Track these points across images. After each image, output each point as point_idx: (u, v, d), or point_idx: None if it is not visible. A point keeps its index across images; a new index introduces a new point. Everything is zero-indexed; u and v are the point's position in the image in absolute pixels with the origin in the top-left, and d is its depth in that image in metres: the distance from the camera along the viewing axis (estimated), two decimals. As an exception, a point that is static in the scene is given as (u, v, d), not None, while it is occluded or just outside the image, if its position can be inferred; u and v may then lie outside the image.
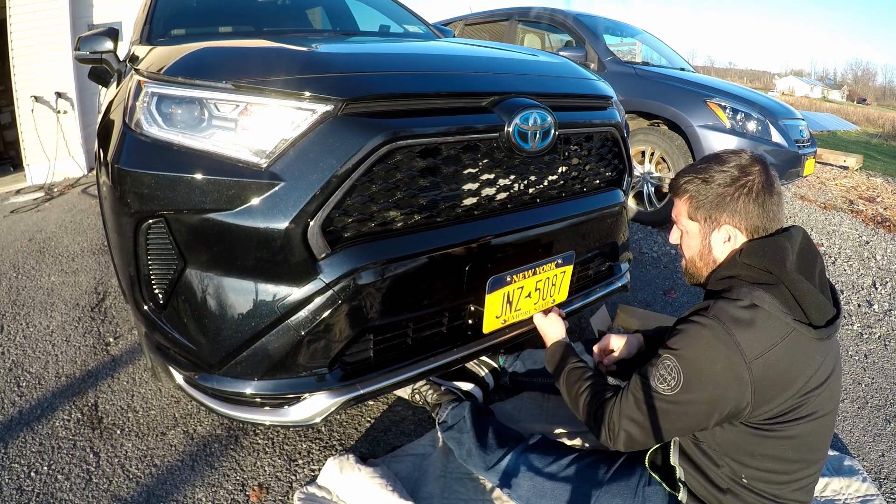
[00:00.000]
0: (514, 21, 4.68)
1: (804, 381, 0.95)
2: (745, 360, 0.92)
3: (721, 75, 28.69)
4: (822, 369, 0.97)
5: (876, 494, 1.42)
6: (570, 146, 1.49)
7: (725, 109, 3.35)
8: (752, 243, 1.04)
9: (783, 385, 0.94)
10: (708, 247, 1.11)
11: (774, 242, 1.02)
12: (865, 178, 6.65)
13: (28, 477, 1.39)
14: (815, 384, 0.96)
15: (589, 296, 1.68)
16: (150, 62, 1.30)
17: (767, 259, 1.00)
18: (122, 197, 1.16)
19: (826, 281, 1.05)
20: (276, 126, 1.09)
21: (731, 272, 1.05)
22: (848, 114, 23.94)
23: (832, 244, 3.70)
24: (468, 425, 1.36)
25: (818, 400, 0.97)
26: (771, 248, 1.01)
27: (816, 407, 0.97)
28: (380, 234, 1.16)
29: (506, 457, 1.26)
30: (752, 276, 1.01)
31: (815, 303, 0.96)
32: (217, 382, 1.18)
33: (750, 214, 1.04)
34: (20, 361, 1.92)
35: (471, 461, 1.31)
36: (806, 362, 0.95)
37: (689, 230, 1.14)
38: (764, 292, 0.97)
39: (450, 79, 1.33)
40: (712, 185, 1.07)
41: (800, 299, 0.96)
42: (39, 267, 2.82)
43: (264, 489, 1.37)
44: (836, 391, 1.03)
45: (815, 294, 0.97)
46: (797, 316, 0.96)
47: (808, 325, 0.95)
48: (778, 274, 0.97)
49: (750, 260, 1.02)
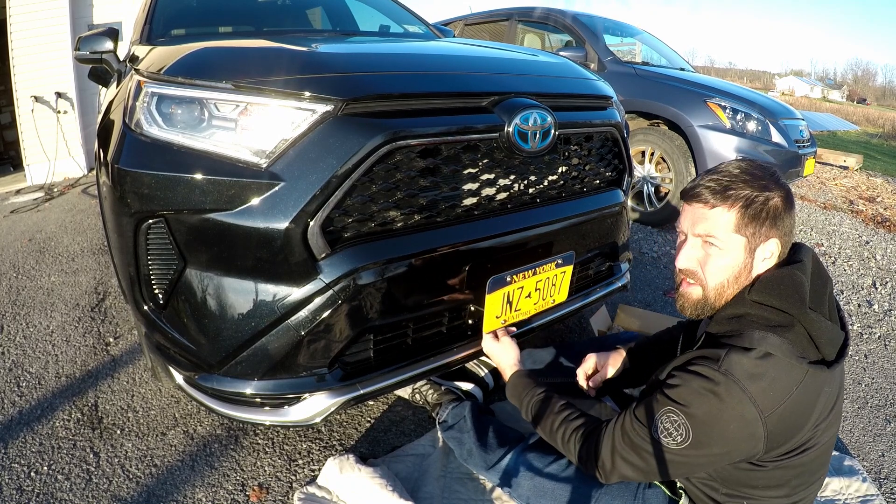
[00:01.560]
0: (514, 21, 4.68)
1: (816, 417, 0.91)
2: (760, 417, 0.86)
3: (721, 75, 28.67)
4: (829, 398, 0.93)
5: (876, 494, 1.42)
6: (570, 146, 1.49)
7: (725, 109, 3.35)
8: (765, 279, 0.96)
9: (796, 429, 0.90)
10: (749, 265, 0.99)
11: (791, 278, 0.93)
12: (865, 178, 6.66)
13: (28, 477, 1.39)
14: (822, 415, 0.92)
15: (589, 296, 1.68)
16: (150, 62, 1.30)
17: (784, 298, 0.91)
18: (122, 197, 1.16)
19: (834, 304, 0.99)
20: (276, 126, 1.09)
21: (739, 311, 0.95)
22: (848, 114, 23.95)
23: (832, 244, 3.70)
24: (468, 425, 1.36)
25: (822, 427, 0.94)
26: (789, 285, 0.92)
27: (822, 436, 0.95)
28: (380, 234, 1.16)
29: (506, 456, 1.26)
30: (765, 318, 0.92)
31: (829, 339, 0.90)
32: (217, 382, 1.18)
33: (789, 230, 0.98)
34: (20, 361, 1.92)
35: (471, 461, 1.31)
36: (816, 400, 0.90)
37: (729, 245, 0.99)
38: (778, 337, 0.89)
39: (450, 79, 1.33)
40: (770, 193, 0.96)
41: (816, 338, 0.89)
42: (39, 267, 2.82)
43: (264, 489, 1.37)
44: (839, 413, 0.99)
45: (830, 329, 0.91)
46: (812, 356, 0.89)
47: (822, 362, 0.90)
48: (796, 315, 0.90)
49: (763, 298, 0.93)
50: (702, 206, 1.00)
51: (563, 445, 1.09)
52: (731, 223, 0.98)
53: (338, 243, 1.11)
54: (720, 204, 0.98)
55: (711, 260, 1.01)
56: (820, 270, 0.99)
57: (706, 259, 1.01)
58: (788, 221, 0.99)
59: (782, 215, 0.97)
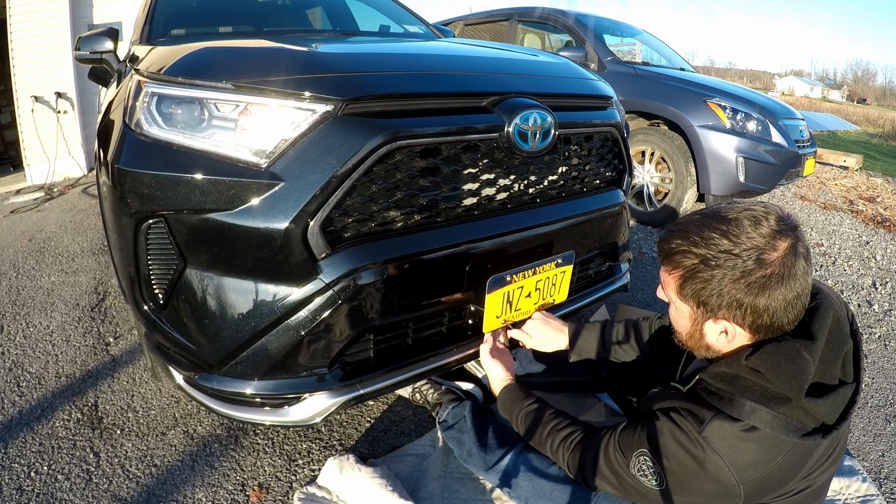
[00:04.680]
0: (514, 21, 4.68)
1: (803, 476, 0.86)
2: (736, 482, 0.83)
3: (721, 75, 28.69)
4: (826, 452, 0.87)
5: (876, 494, 1.42)
6: (570, 146, 1.49)
7: (725, 109, 3.35)
8: (768, 349, 0.85)
9: (778, 486, 0.86)
10: (700, 334, 0.92)
11: (793, 359, 0.82)
12: (865, 178, 6.65)
13: (28, 477, 1.39)
14: (816, 469, 0.87)
15: (589, 296, 1.68)
16: (150, 62, 1.30)
17: (781, 379, 0.82)
18: (122, 197, 1.16)
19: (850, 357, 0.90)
20: (276, 126, 1.09)
21: (733, 371, 0.86)
22: (848, 114, 23.95)
23: (832, 244, 3.70)
24: (468, 425, 1.36)
25: (818, 472, 0.89)
26: (788, 367, 0.82)
27: (815, 479, 0.89)
28: (380, 234, 1.16)
29: (505, 457, 1.26)
30: (759, 387, 0.83)
31: (829, 411, 0.83)
32: (217, 382, 1.18)
33: (758, 313, 0.83)
34: (20, 361, 1.92)
35: (471, 461, 1.31)
36: (806, 462, 0.85)
37: (679, 308, 0.93)
38: (769, 412, 0.81)
39: (450, 79, 1.33)
40: (716, 271, 0.83)
41: (814, 414, 0.83)
42: (39, 267, 2.82)
43: (264, 489, 1.37)
44: (842, 451, 0.93)
45: (831, 403, 0.83)
46: (806, 427, 0.82)
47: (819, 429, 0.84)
48: (793, 398, 0.81)
49: (760, 368, 0.84)
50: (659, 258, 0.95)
51: (552, 455, 1.11)
52: (672, 284, 0.92)
53: (338, 243, 1.11)
54: (664, 262, 0.92)
55: (671, 310, 0.97)
56: (838, 332, 0.87)
57: (669, 306, 0.97)
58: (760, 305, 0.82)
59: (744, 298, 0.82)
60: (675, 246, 0.88)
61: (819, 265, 3.27)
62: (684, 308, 0.92)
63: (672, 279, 0.91)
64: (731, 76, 66.10)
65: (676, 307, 0.94)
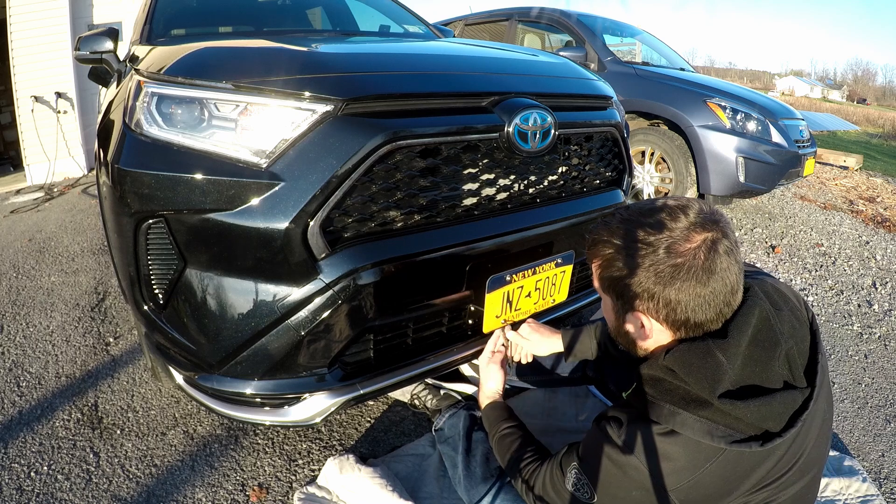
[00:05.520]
0: (514, 21, 4.68)
1: (747, 489, 0.80)
2: (665, 489, 0.80)
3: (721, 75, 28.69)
4: (779, 464, 0.80)
5: (876, 494, 1.42)
6: (570, 146, 1.49)
7: (725, 109, 3.35)
8: (681, 348, 0.82)
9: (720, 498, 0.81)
10: (623, 328, 0.91)
11: (703, 358, 0.79)
12: (865, 178, 6.66)
13: (28, 477, 1.39)
14: (765, 483, 0.81)
15: (589, 295, 1.68)
16: (150, 62, 1.30)
17: (692, 379, 0.79)
18: (122, 197, 1.16)
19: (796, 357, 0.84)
20: (276, 126, 1.09)
21: (654, 373, 0.84)
22: (848, 114, 23.96)
23: (832, 244, 3.70)
24: (461, 444, 1.35)
25: (775, 490, 0.82)
26: (698, 367, 0.79)
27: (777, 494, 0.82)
28: (380, 234, 1.16)
29: (488, 494, 1.24)
30: (679, 389, 0.81)
31: (764, 415, 0.77)
32: (217, 382, 1.18)
33: (672, 306, 0.81)
34: (20, 361, 1.92)
35: (459, 489, 1.31)
36: (748, 474, 0.79)
37: (603, 299, 0.94)
38: (690, 415, 0.78)
39: (450, 79, 1.33)
40: (629, 259, 0.83)
41: (741, 418, 0.77)
42: (39, 267, 2.82)
43: (264, 489, 1.37)
44: (812, 463, 0.86)
45: (762, 407, 0.77)
46: (740, 433, 0.78)
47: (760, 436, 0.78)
48: (707, 398, 0.78)
49: (675, 367, 0.81)
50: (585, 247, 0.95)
51: (514, 483, 1.12)
52: (596, 277, 0.92)
53: (338, 243, 1.11)
54: (587, 250, 0.93)
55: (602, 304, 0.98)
56: (769, 332, 0.82)
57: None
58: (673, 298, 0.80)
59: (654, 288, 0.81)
60: (598, 236, 0.90)
61: (819, 265, 3.27)
62: (608, 300, 0.93)
63: (594, 268, 0.92)
64: (731, 76, 66.12)
65: (603, 299, 0.95)
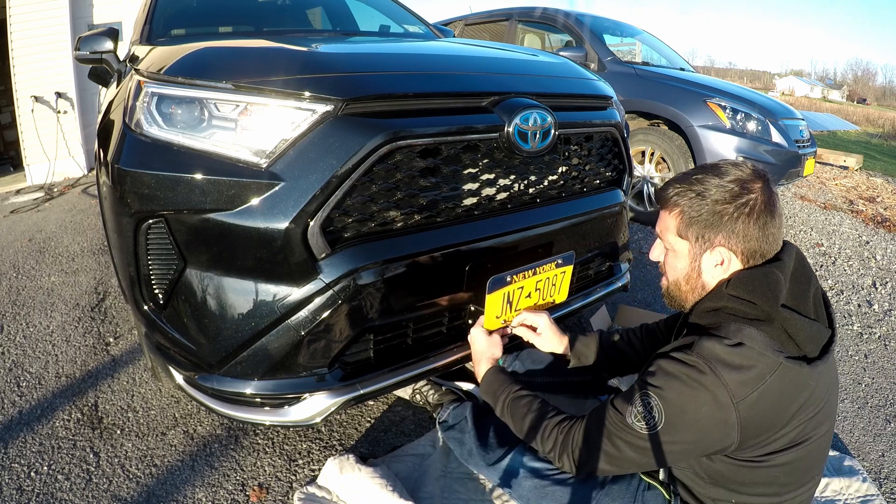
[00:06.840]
0: (514, 21, 4.68)
1: (793, 412, 0.90)
2: (732, 402, 0.87)
3: (721, 75, 28.69)
4: (814, 395, 0.91)
5: (876, 494, 1.42)
6: (570, 146, 1.49)
7: (725, 109, 3.35)
8: (742, 274, 0.96)
9: (771, 422, 0.90)
10: (697, 270, 1.02)
11: (766, 275, 0.94)
12: (865, 178, 6.65)
13: (28, 477, 1.39)
14: (806, 412, 0.91)
15: (589, 296, 1.68)
16: (150, 62, 1.30)
17: (758, 295, 0.92)
18: (122, 197, 1.16)
19: (821, 301, 0.99)
20: (276, 126, 1.09)
21: (717, 304, 0.97)
22: (848, 114, 23.95)
23: (832, 244, 3.70)
24: (469, 425, 1.35)
25: (811, 425, 0.92)
26: (762, 283, 0.93)
27: (809, 432, 0.93)
28: (380, 234, 1.16)
29: (507, 456, 1.25)
30: (741, 311, 0.93)
31: (808, 336, 0.91)
32: (217, 382, 1.18)
33: (749, 237, 0.95)
34: (20, 361, 1.92)
35: (471, 460, 1.31)
36: (796, 395, 0.90)
37: (677, 249, 1.04)
38: (754, 329, 0.90)
39: (450, 79, 1.33)
40: (708, 199, 0.97)
41: (793, 335, 0.90)
42: (39, 267, 2.82)
43: (264, 489, 1.37)
44: (832, 411, 0.98)
45: (809, 326, 0.91)
46: (791, 351, 0.90)
47: (802, 358, 0.90)
48: (769, 311, 0.90)
49: (738, 293, 0.94)
50: (661, 208, 1.06)
51: (542, 441, 1.07)
52: (672, 226, 1.02)
53: (338, 243, 1.11)
54: (664, 207, 1.04)
55: (668, 258, 1.08)
56: (804, 269, 0.98)
57: (665, 257, 1.09)
58: (750, 230, 0.95)
59: (734, 223, 0.95)
60: (674, 188, 1.02)
61: (819, 265, 3.27)
62: (683, 246, 1.02)
63: (672, 218, 1.02)
64: (731, 76, 66.12)
65: (675, 249, 1.04)
